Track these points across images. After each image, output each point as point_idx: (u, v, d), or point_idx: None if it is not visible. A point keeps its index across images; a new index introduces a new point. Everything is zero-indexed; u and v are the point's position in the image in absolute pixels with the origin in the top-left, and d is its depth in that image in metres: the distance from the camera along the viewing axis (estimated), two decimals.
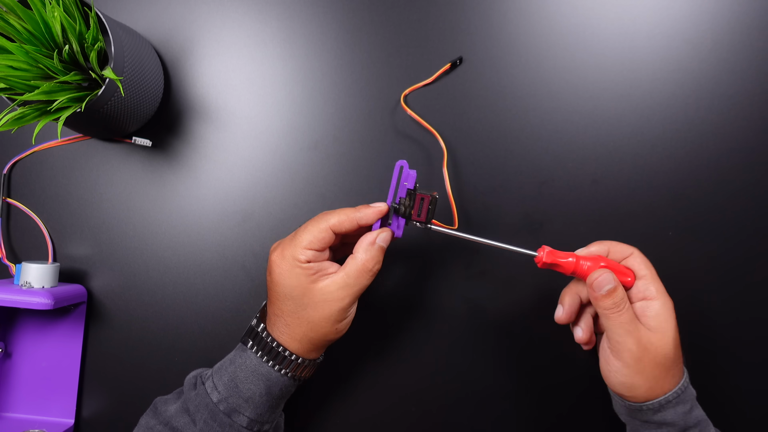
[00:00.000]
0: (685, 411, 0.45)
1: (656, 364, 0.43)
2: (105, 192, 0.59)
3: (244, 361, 0.46)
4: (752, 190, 0.57)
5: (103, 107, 0.48)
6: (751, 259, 0.57)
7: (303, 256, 0.44)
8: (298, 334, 0.45)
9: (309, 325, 0.45)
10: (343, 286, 0.44)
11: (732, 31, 0.57)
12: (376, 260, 0.45)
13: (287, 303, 0.45)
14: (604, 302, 0.44)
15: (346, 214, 0.45)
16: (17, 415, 0.59)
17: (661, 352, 0.43)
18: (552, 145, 0.58)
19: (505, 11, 0.58)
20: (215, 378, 0.47)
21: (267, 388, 0.46)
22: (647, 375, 0.43)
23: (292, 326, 0.45)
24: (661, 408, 0.44)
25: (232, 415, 0.45)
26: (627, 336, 0.43)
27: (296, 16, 0.59)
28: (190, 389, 0.48)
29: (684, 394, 0.45)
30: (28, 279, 0.53)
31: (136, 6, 0.59)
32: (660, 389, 0.44)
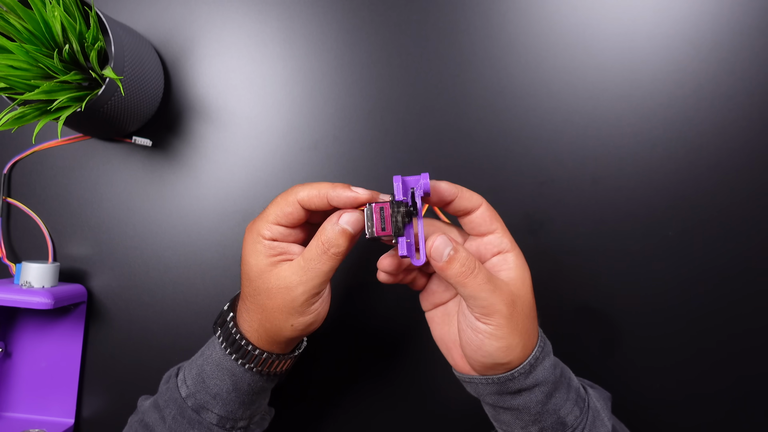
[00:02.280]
0: (552, 363, 0.41)
1: (525, 316, 0.40)
2: (105, 192, 0.59)
3: (211, 353, 0.43)
4: (752, 190, 0.57)
5: (103, 107, 0.49)
6: (751, 259, 0.57)
7: (268, 232, 0.39)
8: (255, 322, 0.41)
9: (263, 313, 0.40)
10: (297, 270, 0.38)
11: (732, 31, 0.57)
12: (334, 242, 0.38)
13: (247, 284, 0.41)
14: (451, 270, 0.37)
15: (317, 189, 0.39)
16: (17, 415, 0.59)
17: (527, 303, 0.40)
18: (552, 145, 0.58)
19: (505, 11, 0.58)
20: (186, 371, 0.44)
21: (233, 384, 0.42)
22: (521, 330, 0.39)
23: (250, 311, 0.41)
24: (531, 368, 0.40)
25: (201, 411, 0.42)
26: (492, 295, 0.38)
27: (296, 17, 0.59)
28: (163, 382, 0.45)
29: (546, 347, 0.42)
30: (28, 279, 0.53)
31: (137, 6, 0.59)
32: (531, 345, 0.40)
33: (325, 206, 0.39)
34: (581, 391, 0.43)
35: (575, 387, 0.43)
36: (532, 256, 0.57)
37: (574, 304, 0.58)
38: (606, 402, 0.45)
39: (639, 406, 0.58)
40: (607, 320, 0.58)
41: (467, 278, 0.37)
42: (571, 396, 0.42)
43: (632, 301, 0.58)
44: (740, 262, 0.57)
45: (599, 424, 0.42)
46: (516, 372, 0.40)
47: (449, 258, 0.37)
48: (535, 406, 0.41)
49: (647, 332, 0.58)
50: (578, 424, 0.41)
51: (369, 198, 0.38)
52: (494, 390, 0.41)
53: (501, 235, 0.41)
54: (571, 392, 0.42)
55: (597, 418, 0.43)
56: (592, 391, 0.45)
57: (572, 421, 0.41)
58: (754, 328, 0.57)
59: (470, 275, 0.37)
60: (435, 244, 0.38)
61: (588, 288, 0.58)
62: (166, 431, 0.42)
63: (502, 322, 0.38)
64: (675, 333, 0.58)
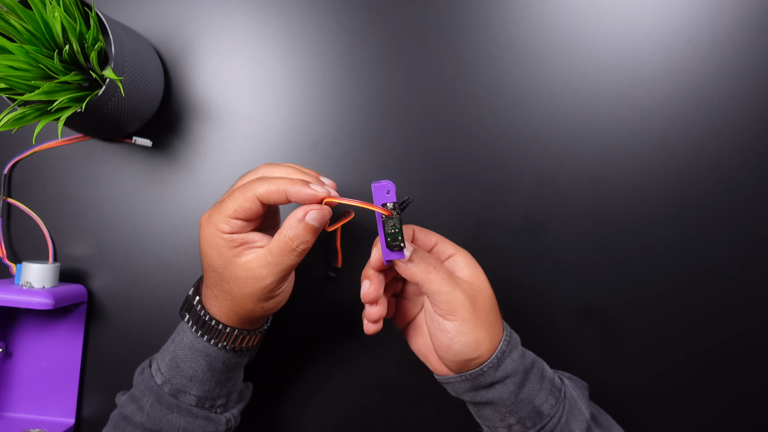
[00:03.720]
0: (520, 354, 0.43)
1: (488, 309, 0.42)
2: (105, 192, 0.59)
3: (182, 338, 0.44)
4: (752, 190, 0.57)
5: (104, 107, 0.49)
6: (751, 259, 0.57)
7: (227, 226, 0.40)
8: (224, 307, 0.42)
9: (233, 300, 0.41)
10: (265, 264, 0.40)
11: (732, 31, 0.57)
12: (302, 239, 0.39)
13: (211, 274, 0.42)
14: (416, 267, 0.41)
15: (276, 185, 0.39)
16: (18, 415, 0.59)
17: (487, 296, 0.43)
18: (552, 145, 0.58)
19: (505, 11, 0.58)
20: (159, 360, 0.45)
21: (208, 364, 0.44)
22: (485, 323, 0.42)
23: (219, 298, 0.42)
24: (500, 361, 0.42)
25: (179, 395, 0.43)
26: (454, 289, 0.41)
27: (296, 16, 0.59)
28: (137, 375, 0.47)
29: (512, 339, 0.44)
30: (29, 279, 0.53)
31: (137, 6, 0.59)
32: (497, 338, 0.42)
33: (284, 202, 0.39)
34: (556, 381, 0.45)
35: (549, 377, 0.44)
36: (532, 256, 0.58)
37: (574, 304, 0.58)
38: (583, 391, 0.46)
39: (639, 405, 0.58)
40: (607, 320, 0.58)
41: (430, 273, 0.41)
42: (544, 386, 0.43)
43: (632, 301, 0.58)
44: (740, 262, 0.57)
45: (577, 413, 0.44)
46: (485, 366, 0.42)
47: (411, 255, 0.41)
48: (509, 397, 0.43)
49: (647, 332, 0.58)
50: (554, 412, 0.43)
51: (326, 195, 0.39)
52: (469, 386, 0.44)
53: (441, 244, 0.45)
54: (544, 382, 0.44)
55: (574, 406, 0.44)
56: (568, 381, 0.46)
57: (548, 410, 0.43)
58: (753, 329, 0.57)
59: (433, 270, 0.41)
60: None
61: (588, 288, 0.58)
62: (145, 419, 0.43)
63: (466, 316, 0.41)
64: (675, 333, 0.58)
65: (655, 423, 0.58)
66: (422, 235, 0.46)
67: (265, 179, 0.40)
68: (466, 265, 0.44)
